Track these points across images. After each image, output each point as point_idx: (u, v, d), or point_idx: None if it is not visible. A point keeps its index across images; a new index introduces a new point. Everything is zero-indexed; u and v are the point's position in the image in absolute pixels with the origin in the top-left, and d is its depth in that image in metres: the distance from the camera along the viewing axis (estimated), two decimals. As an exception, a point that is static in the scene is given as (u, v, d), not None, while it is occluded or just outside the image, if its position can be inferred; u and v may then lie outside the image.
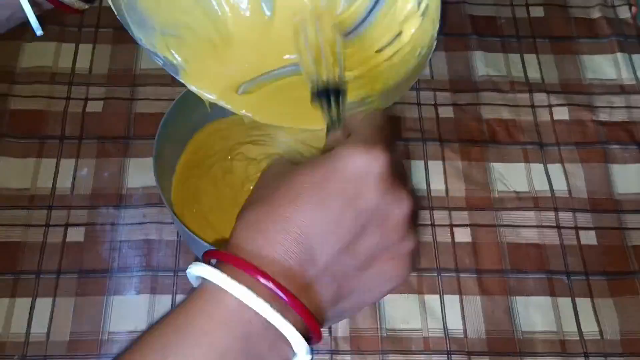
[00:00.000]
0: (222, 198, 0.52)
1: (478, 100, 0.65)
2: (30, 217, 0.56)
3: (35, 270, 0.54)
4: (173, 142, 0.52)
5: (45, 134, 0.60)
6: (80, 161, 0.59)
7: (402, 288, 0.55)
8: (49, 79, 0.63)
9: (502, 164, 0.61)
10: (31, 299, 0.52)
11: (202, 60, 0.43)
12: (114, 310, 0.52)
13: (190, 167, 0.54)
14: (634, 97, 0.66)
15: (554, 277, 0.56)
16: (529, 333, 0.53)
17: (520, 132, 0.63)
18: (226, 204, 0.52)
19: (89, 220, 0.56)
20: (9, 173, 0.58)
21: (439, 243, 0.57)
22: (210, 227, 0.50)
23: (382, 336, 0.53)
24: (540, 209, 0.59)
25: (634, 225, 0.59)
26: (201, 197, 0.52)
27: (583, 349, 0.53)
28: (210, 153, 0.55)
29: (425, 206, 0.59)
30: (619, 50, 0.69)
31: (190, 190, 0.53)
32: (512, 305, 0.55)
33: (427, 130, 0.63)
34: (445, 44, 0.69)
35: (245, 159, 0.54)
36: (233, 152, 0.55)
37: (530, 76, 0.67)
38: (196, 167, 0.54)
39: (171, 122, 0.50)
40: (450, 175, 0.61)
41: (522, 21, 0.71)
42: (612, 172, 0.62)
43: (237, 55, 0.44)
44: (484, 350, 0.53)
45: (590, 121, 0.64)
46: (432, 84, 0.66)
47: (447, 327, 0.53)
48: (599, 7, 0.72)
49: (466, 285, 0.55)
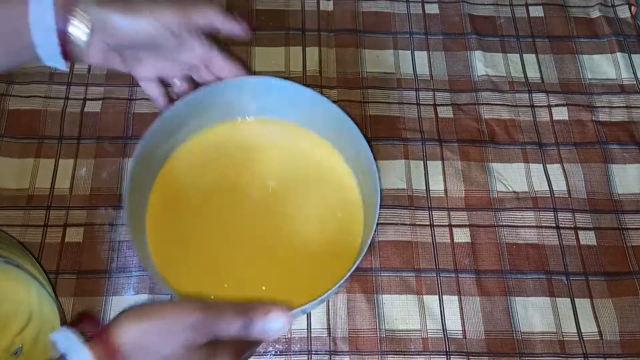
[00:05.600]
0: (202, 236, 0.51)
1: (477, 100, 0.65)
2: (29, 217, 0.56)
3: (34, 271, 0.54)
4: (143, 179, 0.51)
5: (44, 134, 0.60)
6: (78, 161, 0.59)
7: (401, 288, 0.55)
8: (47, 79, 0.63)
9: (501, 164, 0.61)
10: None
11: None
12: (112, 310, 0.52)
13: (163, 205, 0.52)
14: (634, 96, 0.66)
15: (553, 278, 0.56)
16: (528, 333, 0.53)
17: (519, 132, 0.63)
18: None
19: (87, 220, 0.56)
20: (7, 173, 0.58)
21: (438, 243, 0.57)
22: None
23: (381, 337, 0.53)
24: (540, 209, 0.59)
25: (634, 225, 0.59)
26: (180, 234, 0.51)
27: (582, 349, 0.53)
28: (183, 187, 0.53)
29: (424, 206, 0.59)
30: (619, 50, 0.69)
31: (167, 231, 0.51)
32: (511, 305, 0.55)
33: (426, 130, 0.63)
34: (445, 44, 0.69)
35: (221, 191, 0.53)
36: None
37: (530, 76, 0.67)
38: (170, 205, 0.52)
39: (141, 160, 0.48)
40: (449, 176, 0.61)
41: (522, 21, 0.71)
42: (611, 172, 0.61)
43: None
44: (483, 350, 0.53)
45: (590, 121, 0.64)
46: (431, 84, 0.66)
47: (446, 328, 0.53)
48: (599, 6, 0.72)
49: (465, 286, 0.55)
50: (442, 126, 0.63)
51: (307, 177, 0.53)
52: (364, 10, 0.71)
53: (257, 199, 0.52)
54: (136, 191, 0.47)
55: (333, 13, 0.70)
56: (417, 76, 0.66)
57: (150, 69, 0.46)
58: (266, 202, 0.52)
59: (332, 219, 0.51)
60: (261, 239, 0.50)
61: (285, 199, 0.52)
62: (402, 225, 0.58)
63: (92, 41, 0.41)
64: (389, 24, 0.70)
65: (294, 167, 0.53)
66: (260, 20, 0.69)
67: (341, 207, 0.52)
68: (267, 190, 0.52)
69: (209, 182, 0.52)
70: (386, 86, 0.66)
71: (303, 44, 0.68)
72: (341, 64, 0.67)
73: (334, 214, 0.51)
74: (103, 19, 0.40)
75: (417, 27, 0.70)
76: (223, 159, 0.53)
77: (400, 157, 0.61)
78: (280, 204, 0.51)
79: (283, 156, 0.54)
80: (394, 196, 0.59)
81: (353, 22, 0.70)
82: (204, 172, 0.53)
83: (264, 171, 0.53)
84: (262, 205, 0.51)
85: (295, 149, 0.54)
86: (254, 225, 0.51)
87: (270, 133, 0.55)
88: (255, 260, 0.49)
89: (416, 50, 0.68)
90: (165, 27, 0.42)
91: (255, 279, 0.49)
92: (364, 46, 0.68)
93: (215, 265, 0.49)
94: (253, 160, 0.53)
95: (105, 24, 0.40)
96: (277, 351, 0.52)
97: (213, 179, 0.52)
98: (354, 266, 0.43)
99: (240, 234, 0.50)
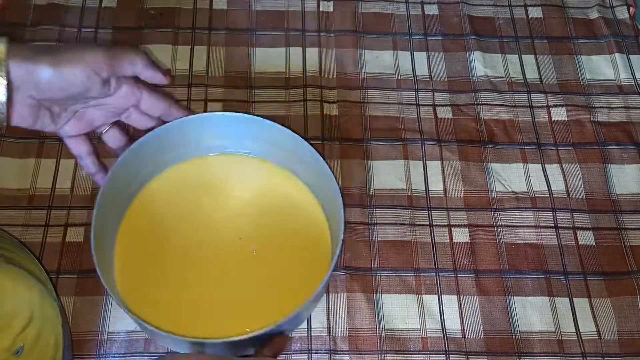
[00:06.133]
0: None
1: (476, 100, 0.65)
2: (30, 217, 0.56)
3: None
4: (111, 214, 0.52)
5: (45, 134, 0.60)
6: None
7: (400, 288, 0.55)
8: (48, 80, 0.63)
9: (500, 165, 0.62)
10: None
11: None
12: (113, 310, 0.53)
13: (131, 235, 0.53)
14: (632, 97, 0.66)
15: (552, 277, 0.56)
16: (527, 333, 0.54)
17: (518, 133, 0.64)
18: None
19: (88, 220, 0.56)
20: (9, 173, 0.58)
21: (437, 243, 0.57)
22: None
23: (381, 336, 0.53)
24: (538, 209, 0.59)
25: (632, 225, 0.59)
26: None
27: (581, 349, 0.53)
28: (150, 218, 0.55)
29: (423, 206, 0.59)
30: (617, 50, 0.69)
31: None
32: (510, 305, 0.55)
33: (426, 130, 0.63)
34: (444, 45, 0.69)
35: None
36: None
37: (529, 77, 0.67)
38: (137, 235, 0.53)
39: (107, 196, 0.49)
40: (448, 176, 0.61)
41: (521, 22, 0.71)
42: (610, 172, 0.62)
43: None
44: (482, 350, 0.53)
45: (588, 121, 0.65)
46: (430, 84, 0.66)
47: (445, 327, 0.54)
48: (597, 7, 0.72)
49: (464, 286, 0.55)
50: (441, 126, 0.64)
51: (271, 207, 0.55)
52: (364, 11, 0.71)
53: (224, 232, 0.53)
54: (104, 225, 0.48)
55: (333, 14, 0.70)
56: (416, 77, 0.67)
57: (80, 123, 0.46)
58: (233, 234, 0.53)
59: (299, 243, 0.53)
60: (229, 271, 0.52)
61: (251, 230, 0.54)
62: (402, 225, 0.58)
63: (17, 99, 0.40)
64: (389, 24, 0.70)
65: (258, 199, 0.55)
66: (260, 20, 0.69)
67: (307, 231, 0.54)
68: (233, 223, 0.54)
69: (177, 217, 0.54)
70: (386, 87, 0.66)
71: (303, 45, 0.68)
72: (341, 65, 0.67)
73: (300, 238, 0.53)
74: (30, 74, 0.39)
75: (416, 28, 0.70)
76: (189, 195, 0.55)
77: (399, 158, 0.61)
78: (247, 236, 0.53)
79: (246, 189, 0.56)
80: (393, 196, 0.59)
81: (353, 23, 0.70)
82: (172, 208, 0.54)
83: (229, 205, 0.55)
84: (228, 239, 0.53)
85: (258, 180, 0.56)
86: (220, 258, 0.52)
87: (233, 167, 0.56)
88: (224, 289, 0.51)
89: (415, 51, 0.68)
90: (95, 73, 0.42)
91: (224, 309, 0.50)
92: (364, 47, 0.68)
93: (182, 299, 0.50)
94: (218, 195, 0.55)
95: (33, 79, 0.39)
96: (277, 350, 0.52)
97: (180, 214, 0.54)
98: (322, 283, 0.45)
99: (209, 267, 0.52)
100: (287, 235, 0.53)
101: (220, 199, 0.55)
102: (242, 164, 0.56)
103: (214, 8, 0.70)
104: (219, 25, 0.69)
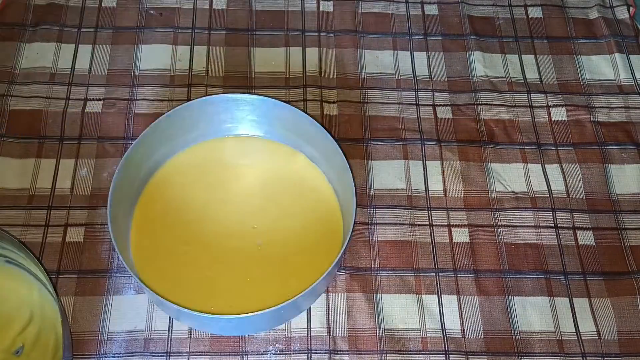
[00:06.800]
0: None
1: (476, 100, 0.65)
2: (30, 217, 0.56)
3: (35, 271, 0.54)
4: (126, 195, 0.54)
5: (45, 134, 0.60)
6: (79, 161, 0.59)
7: (400, 288, 0.55)
8: (48, 80, 0.63)
9: (500, 165, 0.62)
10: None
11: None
12: (113, 310, 0.53)
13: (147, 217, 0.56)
14: (632, 97, 0.66)
15: (551, 277, 0.56)
16: (527, 333, 0.54)
17: (518, 133, 0.64)
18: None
19: (88, 220, 0.56)
20: (8, 173, 0.58)
21: (437, 243, 0.57)
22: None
23: (381, 336, 0.53)
24: (538, 209, 0.59)
25: (632, 225, 0.59)
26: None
27: (580, 348, 0.53)
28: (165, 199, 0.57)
29: (423, 206, 0.59)
30: (617, 50, 0.69)
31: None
32: (509, 305, 0.55)
33: (426, 130, 0.63)
34: (444, 45, 0.69)
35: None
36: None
37: (528, 77, 0.67)
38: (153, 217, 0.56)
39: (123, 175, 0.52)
40: (448, 176, 0.61)
41: (521, 22, 0.71)
42: (609, 172, 0.62)
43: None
44: (481, 350, 0.53)
45: (588, 121, 0.65)
46: (430, 84, 0.66)
47: (445, 327, 0.54)
48: (597, 7, 0.72)
49: (464, 286, 0.55)
50: (441, 126, 0.64)
51: (285, 189, 0.58)
52: (364, 11, 0.71)
53: (239, 211, 0.56)
54: (119, 207, 0.51)
55: (333, 14, 0.70)
56: (416, 77, 0.67)
57: None
58: (247, 214, 0.56)
59: (312, 224, 0.56)
60: (244, 249, 0.54)
61: (265, 209, 0.57)
62: (402, 225, 0.58)
63: None
64: (389, 24, 0.70)
65: (272, 180, 0.58)
66: (260, 20, 0.69)
67: (319, 211, 0.56)
68: (249, 203, 0.57)
69: (193, 198, 0.57)
70: (385, 87, 0.66)
71: (303, 45, 0.68)
72: (341, 65, 0.67)
73: (313, 218, 0.56)
74: None
75: (416, 28, 0.70)
76: (205, 176, 0.58)
77: (399, 157, 0.61)
78: (262, 216, 0.56)
79: (261, 171, 0.59)
80: (393, 196, 0.59)
81: (353, 22, 0.70)
82: (188, 189, 0.57)
83: (244, 186, 0.58)
84: (243, 217, 0.56)
85: (272, 163, 0.59)
86: (236, 236, 0.55)
87: (248, 149, 0.60)
88: (239, 267, 0.54)
89: (415, 50, 0.68)
90: None
91: (240, 287, 0.53)
92: (364, 47, 0.68)
93: (198, 277, 0.53)
94: (233, 177, 0.58)
95: None
96: (277, 350, 0.52)
97: (196, 195, 0.57)
98: (338, 256, 0.48)
99: (224, 246, 0.55)
100: (301, 217, 0.56)
101: (234, 180, 0.58)
102: (257, 146, 0.59)
103: (213, 8, 0.70)
104: (219, 25, 0.69)
